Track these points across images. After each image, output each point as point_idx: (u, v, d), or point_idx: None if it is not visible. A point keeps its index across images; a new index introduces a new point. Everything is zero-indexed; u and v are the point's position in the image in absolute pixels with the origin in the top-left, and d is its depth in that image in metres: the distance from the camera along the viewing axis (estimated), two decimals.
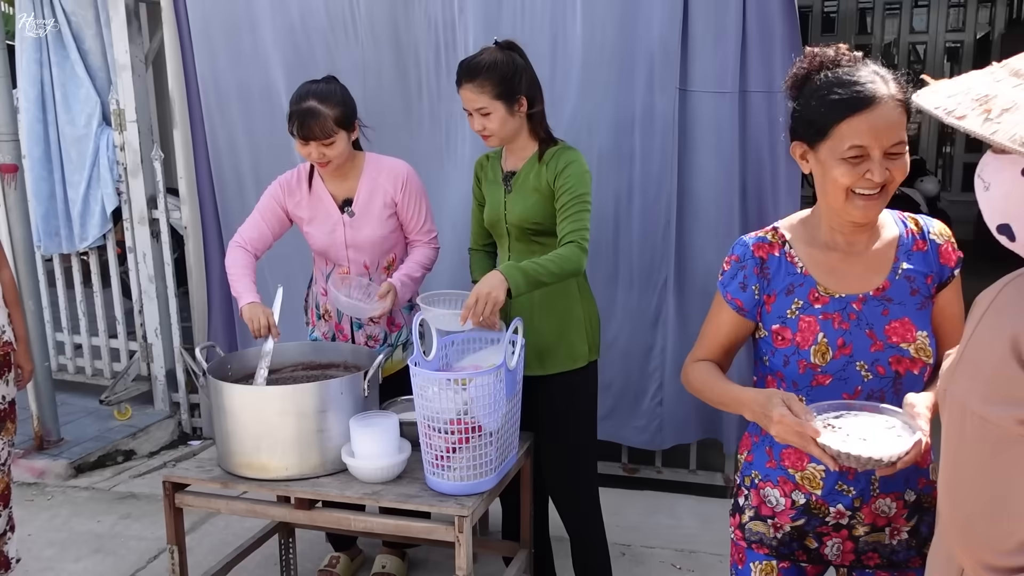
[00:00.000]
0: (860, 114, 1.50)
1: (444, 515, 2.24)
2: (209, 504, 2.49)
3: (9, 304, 2.86)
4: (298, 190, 2.79)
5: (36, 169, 4.54)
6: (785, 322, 1.63)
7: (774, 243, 1.69)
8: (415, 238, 2.82)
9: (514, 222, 2.59)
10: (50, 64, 4.46)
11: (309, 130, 2.58)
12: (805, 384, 1.62)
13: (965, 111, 1.08)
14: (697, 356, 1.78)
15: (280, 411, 2.38)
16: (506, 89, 2.47)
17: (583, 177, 2.52)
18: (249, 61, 3.85)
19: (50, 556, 3.31)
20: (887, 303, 1.63)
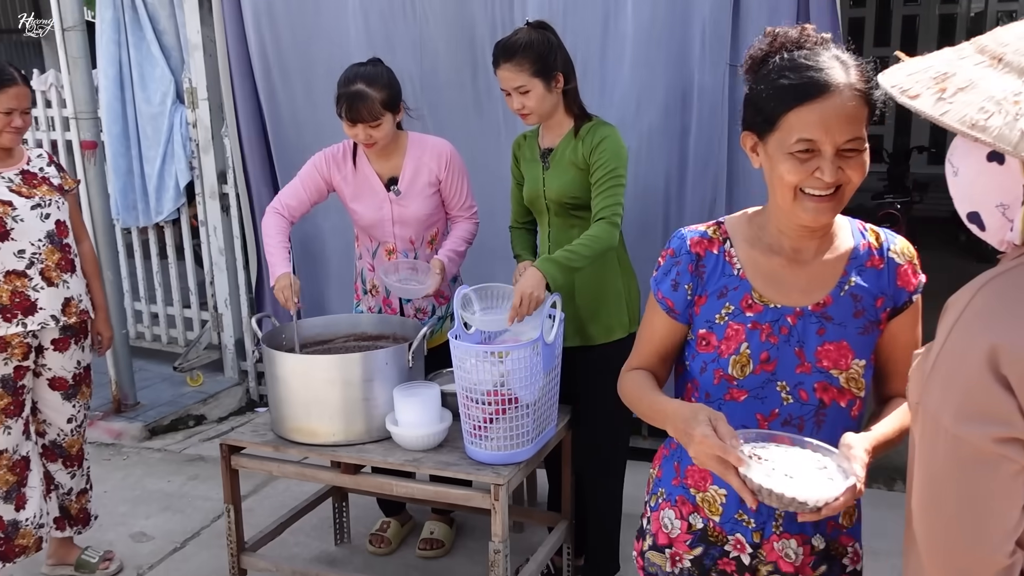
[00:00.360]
0: (810, 103, 1.32)
1: (482, 483, 2.31)
2: (262, 467, 2.61)
3: (88, 275, 3.03)
4: (344, 165, 2.87)
5: (115, 146, 4.75)
6: (712, 327, 1.48)
7: (714, 239, 1.52)
8: (457, 214, 2.89)
9: (553, 198, 2.63)
10: (128, 45, 4.64)
11: (357, 112, 2.65)
12: (718, 396, 1.47)
13: (920, 90, 1.02)
14: (632, 364, 1.61)
15: (327, 379, 2.48)
16: (543, 66, 2.52)
17: (618, 152, 2.55)
18: (312, 39, 3.94)
19: (123, 512, 3.51)
20: (825, 322, 1.45)
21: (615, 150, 2.53)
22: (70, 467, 3.03)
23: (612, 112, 3.42)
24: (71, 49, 4.15)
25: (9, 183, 2.79)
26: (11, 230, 2.74)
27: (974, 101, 0.97)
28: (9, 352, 2.77)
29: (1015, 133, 0.92)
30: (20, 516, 2.85)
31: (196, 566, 3.11)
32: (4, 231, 2.73)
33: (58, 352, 2.90)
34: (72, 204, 2.98)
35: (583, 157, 2.56)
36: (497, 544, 2.32)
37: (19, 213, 2.76)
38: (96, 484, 3.61)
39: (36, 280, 2.79)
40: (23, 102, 2.78)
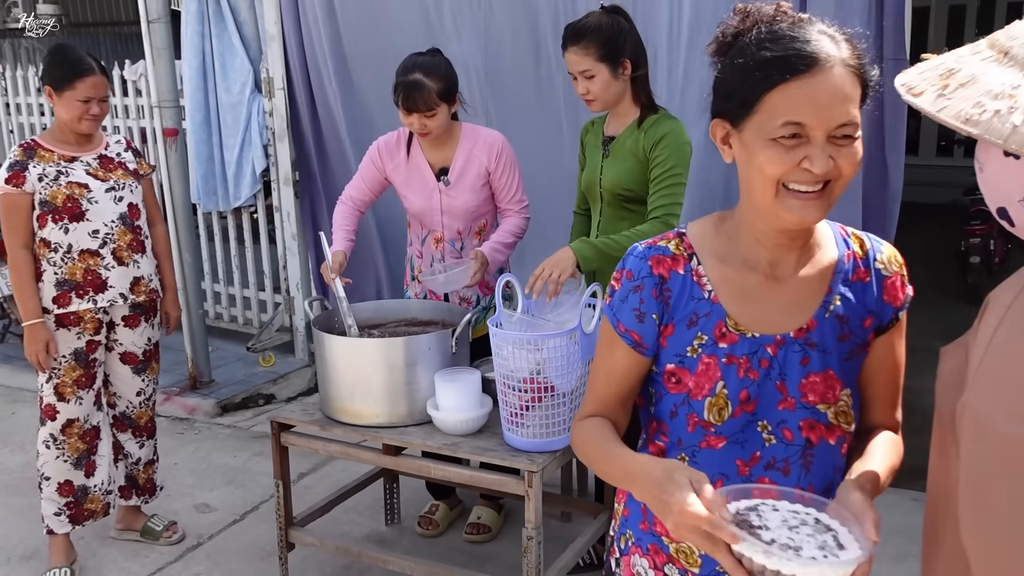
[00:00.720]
0: (799, 79, 1.13)
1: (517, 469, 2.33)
2: (309, 445, 2.69)
3: (159, 256, 3.17)
4: (397, 153, 2.93)
5: (197, 133, 4.93)
6: (683, 361, 1.27)
7: (678, 256, 1.29)
8: (506, 207, 2.89)
9: (607, 187, 2.62)
10: (210, 36, 4.82)
11: (413, 102, 2.70)
12: (692, 443, 1.28)
13: (925, 87, 1.00)
14: (586, 411, 1.38)
15: (372, 362, 2.54)
16: (610, 51, 2.50)
17: (679, 150, 2.50)
18: (379, 27, 4.01)
19: (190, 484, 3.67)
20: (809, 349, 1.26)
21: (676, 147, 2.49)
22: (138, 437, 3.18)
23: (678, 102, 3.39)
24: (155, 40, 4.34)
25: (87, 167, 2.93)
26: (86, 211, 2.89)
27: (971, 96, 0.95)
28: (82, 327, 2.92)
29: (1007, 126, 0.89)
30: (89, 482, 3.01)
31: (253, 538, 3.23)
32: (80, 212, 2.88)
33: (128, 328, 3.05)
34: (147, 188, 3.12)
35: (643, 149, 2.53)
36: (531, 531, 2.34)
37: (94, 195, 2.90)
38: (167, 456, 3.80)
39: (108, 259, 2.93)
40: (100, 91, 2.91)
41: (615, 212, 2.64)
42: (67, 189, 2.86)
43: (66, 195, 2.85)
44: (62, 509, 2.97)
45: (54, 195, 2.84)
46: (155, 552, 3.16)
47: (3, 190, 2.82)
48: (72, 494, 2.98)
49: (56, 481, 2.96)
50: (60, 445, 2.95)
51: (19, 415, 4.42)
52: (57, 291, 2.87)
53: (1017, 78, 0.94)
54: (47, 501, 2.97)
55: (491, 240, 2.83)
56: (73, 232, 2.88)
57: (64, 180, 2.86)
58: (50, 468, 2.96)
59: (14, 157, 2.86)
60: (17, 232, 2.86)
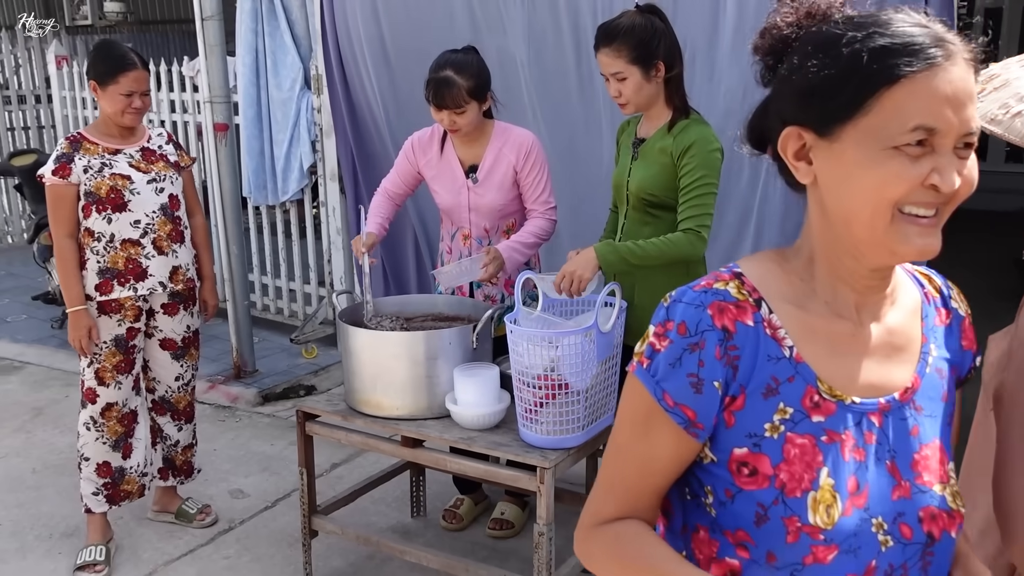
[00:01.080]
0: (930, 71, 0.89)
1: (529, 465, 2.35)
2: (332, 434, 2.74)
3: (198, 246, 3.26)
4: (430, 148, 2.97)
5: (249, 128, 5.05)
6: (760, 444, 0.97)
7: (743, 303, 0.99)
8: (531, 207, 2.89)
9: (633, 190, 2.61)
10: (263, 33, 4.93)
11: (442, 98, 2.73)
12: (793, 561, 0.95)
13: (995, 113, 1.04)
14: (606, 513, 1.05)
15: (394, 355, 2.58)
16: (643, 53, 2.46)
17: (708, 158, 2.45)
18: (423, 26, 4.04)
19: (227, 469, 3.77)
20: (917, 415, 1.02)
21: (704, 156, 2.44)
22: (177, 421, 3.28)
23: (718, 102, 3.35)
24: (208, 37, 4.45)
25: (130, 159, 3.03)
26: (128, 202, 2.99)
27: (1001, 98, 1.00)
28: (123, 314, 3.02)
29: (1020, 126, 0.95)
30: (126, 464, 3.12)
31: (282, 524, 3.30)
32: (122, 203, 2.98)
33: (167, 316, 3.14)
34: (187, 180, 3.21)
35: (671, 155, 2.49)
36: (542, 526, 2.35)
37: (136, 187, 3.00)
38: (207, 442, 3.91)
39: (148, 248, 3.03)
40: (142, 85, 3.01)
41: (639, 216, 2.62)
42: (111, 180, 2.96)
43: (110, 186, 2.95)
44: (99, 489, 3.08)
45: (98, 186, 2.95)
46: (188, 534, 3.25)
47: (50, 181, 2.94)
48: (109, 475, 3.08)
49: (95, 462, 3.07)
50: (99, 427, 3.06)
51: (72, 399, 4.58)
52: (99, 279, 2.98)
53: None
54: (86, 481, 3.08)
55: (511, 239, 2.84)
56: (116, 222, 2.97)
57: (108, 172, 2.97)
58: (89, 449, 3.07)
59: (61, 150, 2.97)
60: (63, 222, 2.97)
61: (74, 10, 8.67)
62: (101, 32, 8.81)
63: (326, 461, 3.82)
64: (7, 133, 7.93)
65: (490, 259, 2.74)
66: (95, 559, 3.01)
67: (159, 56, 5.65)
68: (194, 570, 3.04)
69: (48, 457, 3.92)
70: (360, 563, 3.05)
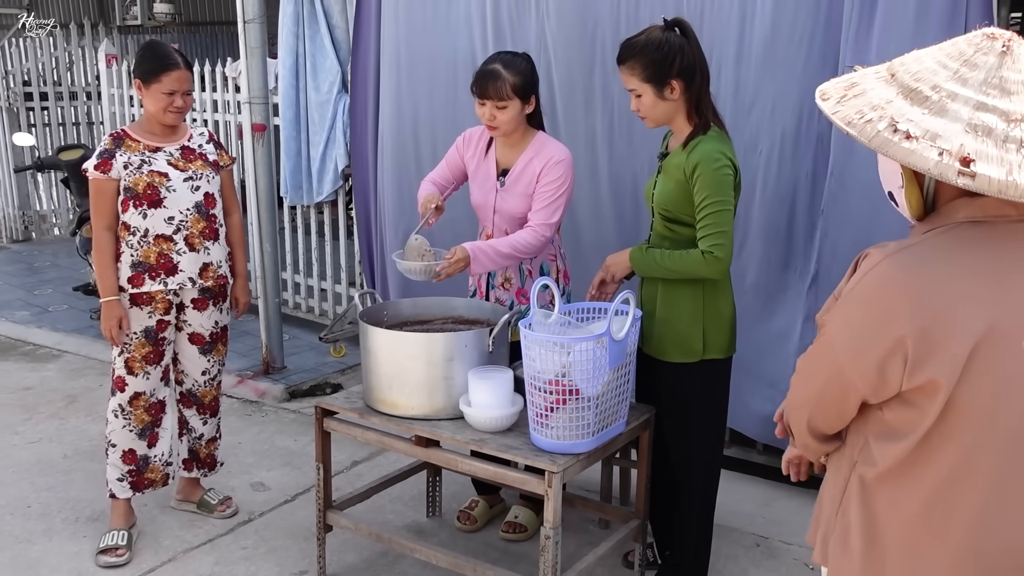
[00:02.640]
0: None
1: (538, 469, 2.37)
2: (348, 431, 2.79)
3: (233, 244, 3.33)
4: (477, 144, 3.03)
5: (288, 130, 5.15)
6: None
7: None
8: (530, 217, 2.86)
9: (656, 203, 2.63)
10: (304, 37, 5.03)
11: (485, 89, 2.78)
12: None
13: (832, 94, 1.33)
14: None
15: (411, 355, 2.62)
16: (655, 72, 2.47)
17: (714, 175, 2.44)
18: (442, 31, 4.08)
19: (250, 463, 3.85)
20: None
21: (709, 174, 2.44)
22: (202, 414, 3.35)
23: (747, 116, 3.35)
24: (250, 40, 4.56)
25: (169, 156, 3.12)
26: (163, 198, 3.07)
27: (857, 105, 1.28)
28: (153, 306, 3.10)
29: (872, 130, 1.25)
30: (151, 453, 3.20)
31: (300, 518, 3.36)
32: (158, 199, 3.06)
33: (197, 311, 3.22)
34: (226, 179, 3.29)
35: (684, 172, 2.51)
36: (548, 530, 2.38)
37: (172, 184, 3.08)
38: (233, 436, 3.99)
39: (180, 245, 3.11)
40: (183, 84, 3.09)
41: (661, 227, 2.65)
42: (148, 177, 3.04)
43: (147, 182, 3.04)
44: (124, 476, 3.16)
45: (136, 182, 3.03)
46: (208, 524, 3.32)
47: (92, 175, 3.03)
48: (134, 462, 3.17)
49: (121, 449, 3.16)
50: (127, 415, 3.15)
51: (105, 388, 4.64)
52: (132, 272, 3.06)
53: (891, 94, 1.27)
54: (112, 467, 3.17)
55: (488, 241, 2.83)
56: (150, 217, 3.06)
57: (147, 169, 3.05)
58: (116, 436, 3.16)
59: (104, 145, 3.07)
60: (102, 215, 3.06)
61: (124, 11, 8.90)
62: (150, 32, 9.03)
63: (347, 458, 3.88)
64: (59, 128, 8.17)
65: (451, 263, 2.74)
66: (117, 543, 3.09)
67: (207, 56, 5.79)
68: (212, 559, 3.10)
69: (79, 443, 4.03)
70: (373, 559, 3.09)
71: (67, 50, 8.15)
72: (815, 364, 1.46)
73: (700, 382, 2.65)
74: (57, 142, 7.87)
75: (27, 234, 8.28)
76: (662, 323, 2.63)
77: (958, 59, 1.28)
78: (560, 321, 2.54)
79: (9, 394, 4.64)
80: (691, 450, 2.70)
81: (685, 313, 2.59)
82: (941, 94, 1.25)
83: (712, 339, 2.61)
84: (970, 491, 1.31)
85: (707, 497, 2.77)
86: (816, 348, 1.46)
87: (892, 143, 1.23)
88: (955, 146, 1.20)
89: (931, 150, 1.21)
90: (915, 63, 1.31)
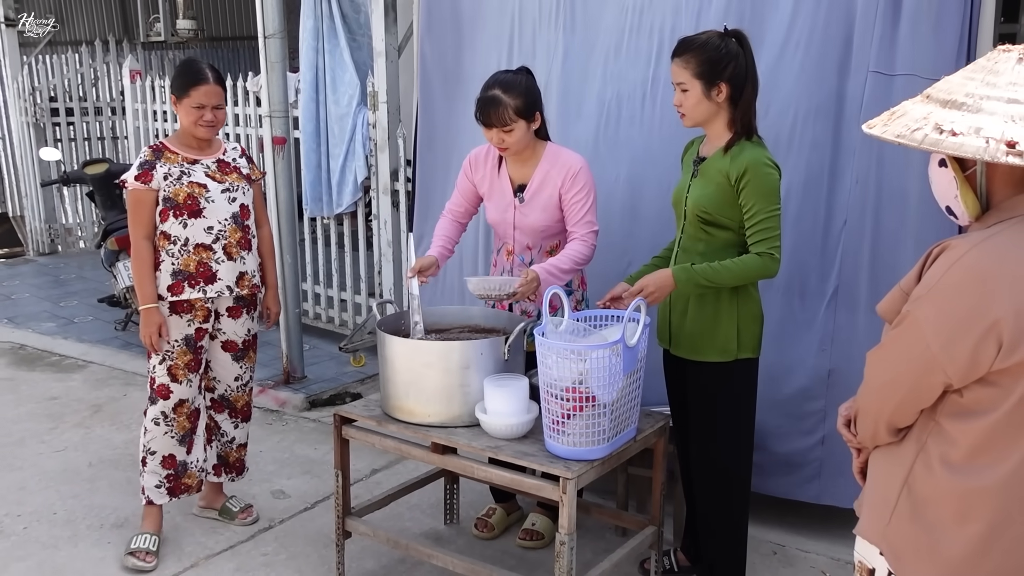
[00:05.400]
0: None
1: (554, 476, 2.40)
2: (366, 438, 2.83)
3: (264, 255, 3.39)
4: (484, 165, 3.06)
5: (308, 142, 5.23)
6: None
7: None
8: (572, 229, 2.91)
9: (690, 206, 2.67)
10: (324, 52, 5.11)
11: (488, 116, 2.82)
12: None
13: (876, 122, 1.52)
14: None
15: (427, 363, 2.66)
16: (708, 70, 2.53)
17: (766, 179, 2.52)
18: (472, 48, 4.14)
19: (271, 471, 3.90)
20: None
21: (761, 178, 2.51)
22: (234, 419, 3.41)
23: (768, 122, 3.35)
24: (270, 54, 4.63)
25: (207, 169, 3.18)
26: (203, 209, 3.13)
27: (904, 122, 1.48)
28: (192, 314, 3.16)
29: (919, 136, 1.44)
30: (188, 459, 3.27)
31: (319, 525, 3.40)
32: (198, 209, 3.12)
33: (231, 319, 3.28)
34: (256, 192, 3.35)
35: (727, 176, 2.56)
36: (563, 536, 2.40)
37: (211, 195, 3.14)
38: (254, 444, 4.04)
39: (219, 254, 3.17)
40: (212, 99, 3.15)
41: (694, 231, 2.68)
42: (188, 188, 3.11)
43: (187, 193, 3.10)
44: (163, 482, 3.21)
45: (176, 193, 3.10)
46: (229, 531, 3.37)
47: (132, 186, 3.10)
48: (174, 468, 3.22)
49: (161, 455, 3.20)
50: (170, 422, 3.20)
51: (130, 397, 4.78)
52: (172, 280, 3.12)
53: (929, 109, 1.47)
54: (150, 474, 3.21)
55: (549, 262, 2.87)
56: (191, 227, 3.12)
57: (186, 180, 3.12)
58: (157, 443, 3.20)
59: (144, 157, 3.13)
60: (141, 224, 3.12)
61: (148, 27, 9.05)
62: (174, 48, 9.17)
63: (367, 467, 3.92)
64: (84, 143, 8.31)
65: (526, 282, 2.77)
66: (147, 547, 3.15)
67: (228, 71, 5.88)
68: (233, 565, 3.15)
69: (104, 452, 4.10)
70: (392, 566, 3.13)
71: (92, 66, 8.30)
72: (899, 355, 1.53)
73: (735, 381, 2.70)
74: (82, 156, 8.00)
75: (53, 247, 8.42)
76: (697, 324, 2.68)
77: (981, 71, 1.47)
78: (571, 328, 2.57)
79: (36, 404, 4.72)
80: (720, 451, 2.73)
81: (722, 314, 2.64)
82: (974, 98, 1.42)
83: (745, 339, 2.67)
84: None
85: (741, 498, 2.79)
86: (899, 339, 1.53)
87: (941, 141, 1.39)
88: (998, 133, 1.37)
89: (978, 139, 1.38)
90: (944, 83, 1.50)
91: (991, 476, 1.45)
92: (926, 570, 1.52)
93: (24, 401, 4.76)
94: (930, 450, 1.52)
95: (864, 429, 1.65)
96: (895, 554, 1.57)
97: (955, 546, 1.49)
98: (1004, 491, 1.46)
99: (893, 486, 1.57)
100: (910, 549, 1.54)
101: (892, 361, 1.55)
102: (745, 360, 2.69)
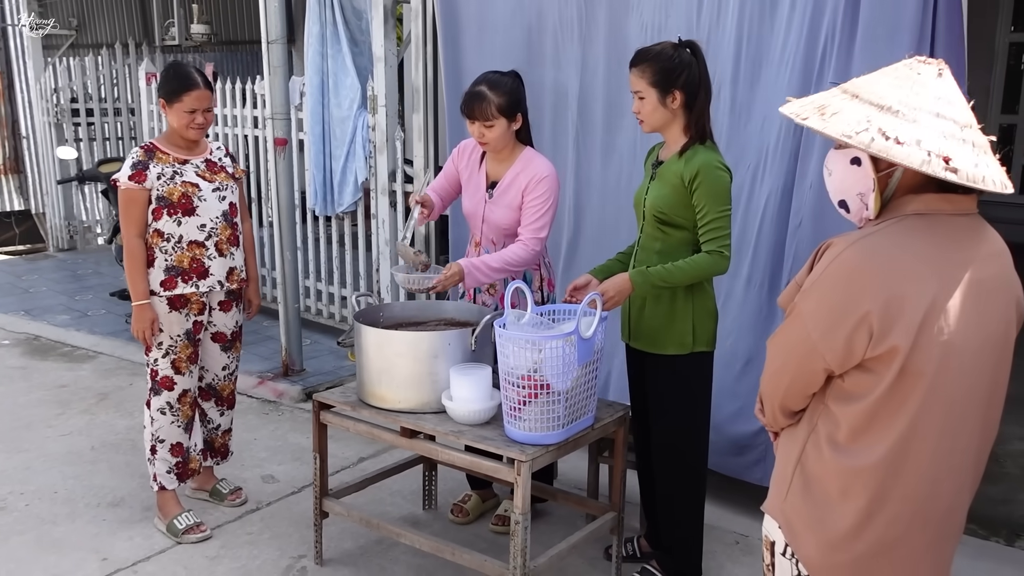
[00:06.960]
0: None
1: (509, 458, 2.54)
2: (341, 423, 2.99)
3: (246, 250, 3.55)
4: (470, 156, 3.24)
5: (315, 143, 5.41)
6: None
7: None
8: (520, 231, 3.05)
9: (648, 207, 2.82)
10: (327, 56, 5.29)
11: (471, 109, 2.98)
12: None
13: (808, 114, 1.58)
14: None
15: (398, 353, 2.81)
16: (662, 79, 2.68)
17: (717, 181, 2.66)
18: (490, 57, 4.29)
19: (262, 458, 4.07)
20: None
21: (713, 179, 2.65)
22: (220, 407, 3.58)
23: (742, 132, 3.49)
24: (272, 59, 4.82)
25: (197, 168, 3.35)
26: (196, 207, 3.29)
27: (845, 120, 1.54)
28: (189, 308, 3.33)
29: (868, 138, 1.50)
30: (190, 444, 3.45)
31: (304, 508, 3.56)
32: (191, 208, 3.29)
33: (222, 312, 3.45)
34: (240, 190, 3.53)
35: (681, 179, 2.70)
36: (518, 516, 2.54)
37: (203, 194, 3.31)
38: (249, 432, 4.23)
39: (211, 250, 3.33)
40: (203, 103, 3.32)
41: (652, 231, 2.82)
42: (182, 187, 3.27)
43: (181, 192, 3.27)
44: (172, 468, 3.39)
45: (171, 192, 3.26)
46: (219, 511, 3.55)
47: (125, 185, 3.26)
48: (181, 454, 3.40)
49: (170, 443, 3.38)
50: (175, 412, 3.37)
51: (135, 386, 4.98)
52: (165, 276, 3.28)
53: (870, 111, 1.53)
54: (161, 461, 3.38)
55: (480, 258, 3.01)
56: (184, 225, 3.28)
57: (179, 179, 3.28)
58: (165, 432, 3.37)
59: (136, 157, 3.29)
60: (134, 222, 3.28)
61: (163, 31, 9.30)
62: (188, 51, 9.41)
63: (355, 455, 4.08)
64: (104, 142, 8.57)
65: (446, 276, 2.93)
66: (193, 522, 3.35)
67: (242, 74, 6.09)
68: (219, 542, 3.32)
69: (106, 436, 4.29)
70: (369, 547, 3.28)
71: (113, 68, 8.56)
72: (786, 343, 1.67)
73: (691, 373, 2.84)
74: (101, 156, 8.26)
75: (72, 243, 8.69)
76: (654, 319, 2.82)
77: (907, 80, 1.55)
78: (533, 321, 2.71)
79: (46, 391, 4.93)
80: (677, 437, 2.88)
81: (677, 310, 2.78)
82: (908, 107, 1.51)
83: (700, 333, 2.81)
84: (921, 443, 1.57)
85: (696, 483, 2.93)
86: (787, 328, 1.67)
87: (890, 148, 1.48)
88: (936, 148, 1.47)
89: (920, 151, 1.47)
90: (870, 84, 1.58)
91: (870, 456, 1.58)
92: (814, 542, 1.65)
93: (35, 388, 4.98)
94: (819, 431, 1.65)
95: (767, 412, 1.79)
96: (790, 528, 1.70)
97: (839, 520, 1.62)
98: (881, 470, 1.57)
99: (789, 464, 1.71)
100: (802, 523, 1.67)
101: (782, 348, 1.69)
102: (700, 353, 2.83)
